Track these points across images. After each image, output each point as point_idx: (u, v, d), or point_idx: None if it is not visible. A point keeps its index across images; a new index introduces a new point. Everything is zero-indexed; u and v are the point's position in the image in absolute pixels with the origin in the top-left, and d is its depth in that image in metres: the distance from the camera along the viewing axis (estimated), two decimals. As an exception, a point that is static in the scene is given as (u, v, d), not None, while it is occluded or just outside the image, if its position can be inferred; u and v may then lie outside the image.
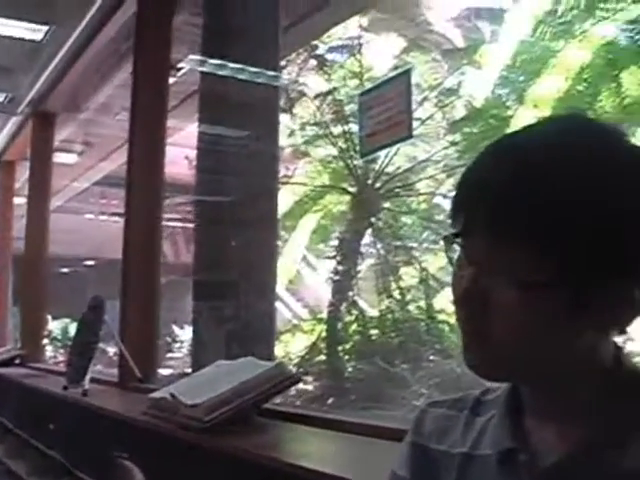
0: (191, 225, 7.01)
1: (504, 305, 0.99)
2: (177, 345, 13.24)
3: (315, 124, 12.38)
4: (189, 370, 4.48)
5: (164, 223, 4.70)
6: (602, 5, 9.11)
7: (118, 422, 3.35)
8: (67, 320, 14.74)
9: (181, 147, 6.86)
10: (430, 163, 12.44)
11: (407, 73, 3.91)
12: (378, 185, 11.99)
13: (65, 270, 17.67)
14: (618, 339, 1.07)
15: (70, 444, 4.08)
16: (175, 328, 13.21)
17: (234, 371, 2.81)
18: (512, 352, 1.00)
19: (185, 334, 12.02)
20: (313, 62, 12.10)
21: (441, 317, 11.02)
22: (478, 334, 1.02)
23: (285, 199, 11.87)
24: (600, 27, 9.19)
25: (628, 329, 1.02)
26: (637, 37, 8.90)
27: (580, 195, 0.95)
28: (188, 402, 2.65)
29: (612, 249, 0.95)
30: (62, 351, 13.28)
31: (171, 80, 4.86)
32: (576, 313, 0.97)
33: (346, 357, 11.67)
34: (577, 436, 1.02)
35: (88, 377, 4.07)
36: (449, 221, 1.08)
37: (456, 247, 1.06)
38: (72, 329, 11.38)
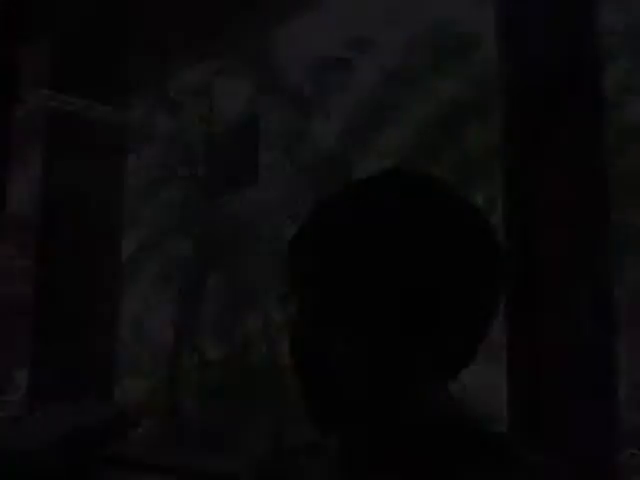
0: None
1: (327, 355, 1.02)
2: (13, 387, 12.72)
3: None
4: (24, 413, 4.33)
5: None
6: (447, 63, 9.42)
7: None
8: None
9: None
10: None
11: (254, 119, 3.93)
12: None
13: None
14: (451, 386, 1.11)
15: None
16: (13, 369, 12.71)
17: (71, 414, 2.74)
18: (334, 402, 1.04)
19: (23, 376, 11.57)
20: (163, 103, 11.96)
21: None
22: (306, 382, 1.06)
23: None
24: (446, 83, 9.48)
25: (458, 376, 1.06)
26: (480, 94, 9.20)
27: (387, 257, 1.00)
28: (21, 447, 2.57)
29: (424, 303, 1.00)
30: None
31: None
32: (399, 362, 1.01)
33: (189, 399, 11.47)
34: None
35: None
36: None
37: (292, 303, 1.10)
38: None
